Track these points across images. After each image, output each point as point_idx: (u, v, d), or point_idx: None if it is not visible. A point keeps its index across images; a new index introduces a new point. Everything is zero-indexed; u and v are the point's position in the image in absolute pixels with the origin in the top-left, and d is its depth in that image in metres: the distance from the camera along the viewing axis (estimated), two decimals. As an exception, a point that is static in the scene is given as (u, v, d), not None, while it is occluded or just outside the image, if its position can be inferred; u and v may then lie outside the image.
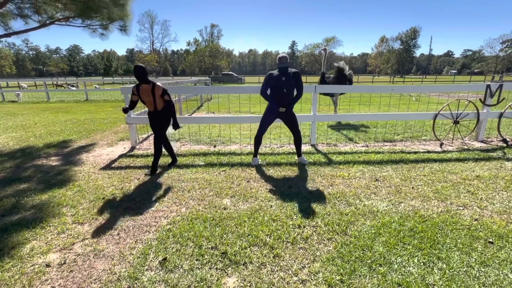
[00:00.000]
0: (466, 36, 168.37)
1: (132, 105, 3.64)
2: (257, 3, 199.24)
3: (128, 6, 6.57)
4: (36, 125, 7.31)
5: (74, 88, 19.50)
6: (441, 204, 2.80)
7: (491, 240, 2.20)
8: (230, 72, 36.67)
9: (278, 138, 5.55)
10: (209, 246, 2.16)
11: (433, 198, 2.93)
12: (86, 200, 2.95)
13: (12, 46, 69.96)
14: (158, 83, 3.47)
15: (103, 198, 2.98)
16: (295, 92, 3.78)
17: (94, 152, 4.78)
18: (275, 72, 3.68)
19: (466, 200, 2.87)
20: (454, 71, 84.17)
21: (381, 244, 2.16)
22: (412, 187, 3.20)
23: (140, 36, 68.90)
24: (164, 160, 4.20)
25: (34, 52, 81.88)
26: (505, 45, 60.90)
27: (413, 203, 2.83)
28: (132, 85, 4.02)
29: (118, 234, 2.35)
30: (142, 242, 2.23)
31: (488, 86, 5.01)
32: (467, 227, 2.39)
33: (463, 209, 2.71)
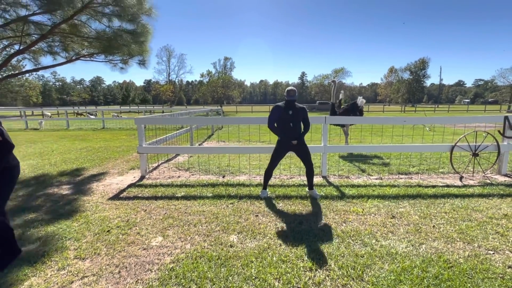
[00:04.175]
0: (477, 67, 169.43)
1: None
2: (269, 36, 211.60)
3: (147, 43, 7.05)
4: (53, 152, 7.56)
5: (92, 117, 20.45)
6: (468, 247, 2.55)
7: (530, 293, 1.94)
8: (326, 101, 38.65)
9: (288, 169, 5.44)
10: (213, 289, 2.00)
11: (458, 240, 2.68)
12: (90, 233, 2.88)
13: (41, 78, 75.65)
14: None
15: (108, 231, 2.92)
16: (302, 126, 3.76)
17: (105, 181, 4.82)
18: (282, 104, 3.70)
19: (495, 243, 2.61)
20: (467, 100, 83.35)
21: (403, 294, 1.94)
22: (433, 226, 2.97)
23: (157, 68, 73.13)
24: (176, 188, 4.15)
25: (60, 83, 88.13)
26: (517, 75, 60.70)
27: (436, 244, 2.60)
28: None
29: (119, 272, 2.24)
30: (142, 283, 2.10)
31: (507, 118, 4.84)
32: (500, 275, 2.13)
33: (493, 253, 2.45)
